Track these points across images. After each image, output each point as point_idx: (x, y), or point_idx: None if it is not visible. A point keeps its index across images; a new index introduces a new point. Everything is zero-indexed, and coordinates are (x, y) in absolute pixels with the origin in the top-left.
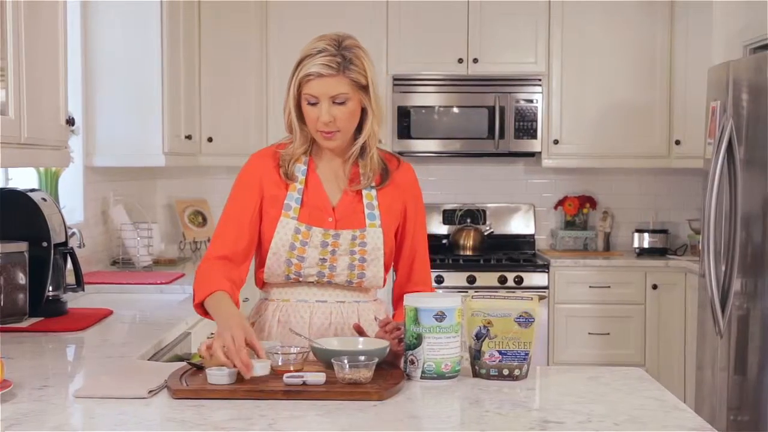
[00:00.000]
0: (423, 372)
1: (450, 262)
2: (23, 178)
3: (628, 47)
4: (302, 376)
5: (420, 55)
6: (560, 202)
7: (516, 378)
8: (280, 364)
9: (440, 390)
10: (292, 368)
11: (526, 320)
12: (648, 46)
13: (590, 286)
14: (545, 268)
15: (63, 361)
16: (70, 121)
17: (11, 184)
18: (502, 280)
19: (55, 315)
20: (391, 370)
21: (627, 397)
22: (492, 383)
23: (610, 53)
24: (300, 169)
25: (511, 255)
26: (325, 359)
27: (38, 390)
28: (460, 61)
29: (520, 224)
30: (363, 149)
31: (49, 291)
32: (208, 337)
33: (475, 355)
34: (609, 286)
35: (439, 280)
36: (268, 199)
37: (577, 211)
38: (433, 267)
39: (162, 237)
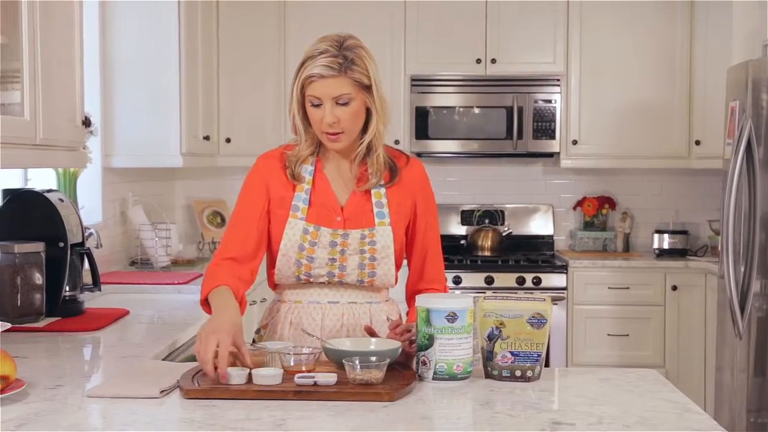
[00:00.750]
0: (435, 373)
1: (468, 262)
2: (42, 179)
3: (647, 47)
4: (313, 377)
5: (438, 56)
6: (579, 203)
7: (528, 379)
8: (292, 364)
9: (452, 391)
10: (304, 368)
11: (538, 321)
12: (667, 45)
13: (609, 287)
14: (564, 269)
15: (77, 361)
16: (87, 122)
17: (30, 185)
18: (521, 281)
19: (72, 315)
20: (402, 371)
21: (640, 399)
22: (504, 384)
23: (629, 53)
24: (307, 170)
25: (530, 256)
26: (336, 360)
27: (51, 389)
28: (478, 61)
29: (538, 225)
30: (369, 149)
31: (65, 291)
32: None
33: (488, 356)
34: (628, 287)
35: (457, 280)
36: (275, 201)
37: (596, 211)
38: (451, 268)
39: (180, 237)
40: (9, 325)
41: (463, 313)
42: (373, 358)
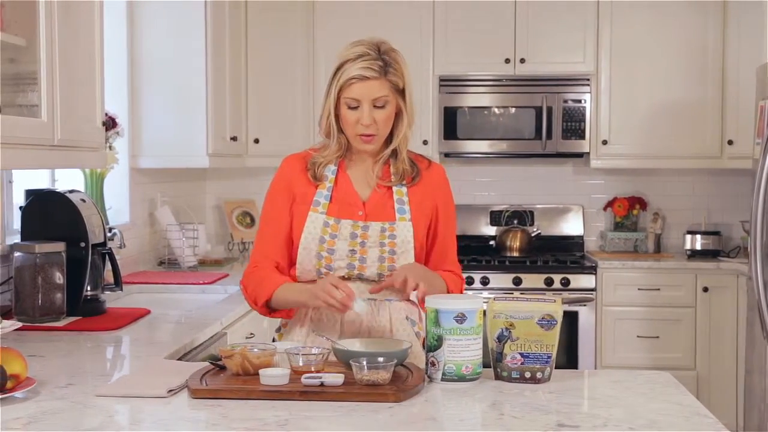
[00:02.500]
0: (443, 374)
1: (496, 263)
2: (69, 180)
3: (678, 46)
4: (320, 377)
5: (466, 56)
6: (610, 203)
7: (538, 381)
8: (301, 364)
9: (460, 392)
10: (313, 369)
11: (548, 323)
12: (699, 44)
13: (639, 289)
14: (593, 270)
15: (91, 360)
16: (108, 123)
17: (57, 186)
18: (549, 282)
19: (94, 314)
20: (412, 372)
21: (649, 401)
22: (514, 386)
23: (661, 52)
24: (330, 169)
25: (559, 257)
26: (345, 360)
27: (62, 388)
28: (507, 61)
29: (568, 225)
30: (394, 152)
31: (87, 291)
32: (247, 337)
33: (497, 358)
34: (658, 289)
35: (485, 281)
36: (298, 197)
37: (627, 212)
38: (479, 268)
39: (210, 237)
40: (19, 324)
41: (472, 314)
42: (381, 359)
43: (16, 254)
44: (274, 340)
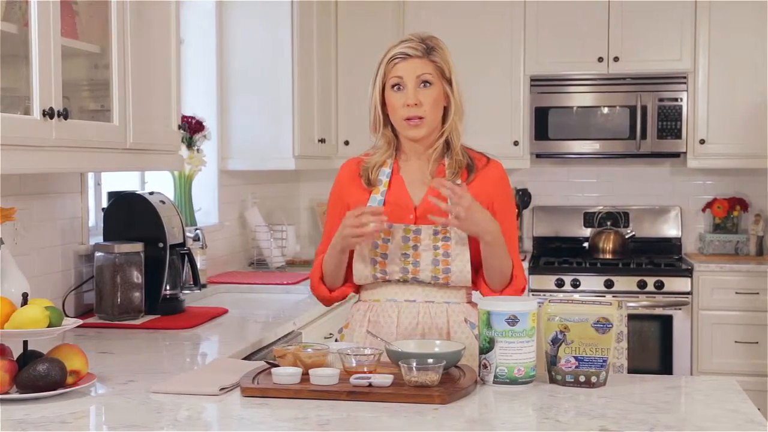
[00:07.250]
0: (495, 376)
1: (587, 265)
2: (160, 182)
3: None
4: (369, 378)
5: (558, 55)
6: (709, 204)
7: (593, 385)
8: (353, 365)
9: (511, 395)
10: (365, 369)
11: (603, 326)
12: None
13: (737, 292)
14: (688, 273)
15: (157, 358)
16: (185, 126)
17: (147, 188)
18: (642, 285)
19: (172, 313)
20: (464, 374)
21: (704, 408)
22: (568, 390)
23: (761, 49)
24: (384, 172)
25: (654, 259)
26: (397, 361)
27: (122, 384)
28: (600, 59)
29: (665, 227)
30: (447, 147)
31: (166, 290)
32: (325, 337)
33: (551, 361)
34: (757, 293)
35: (575, 283)
36: (352, 203)
37: (727, 213)
38: (570, 271)
39: (303, 238)
40: (80, 322)
41: (525, 316)
42: (430, 360)
43: (97, 254)
44: (336, 341)
